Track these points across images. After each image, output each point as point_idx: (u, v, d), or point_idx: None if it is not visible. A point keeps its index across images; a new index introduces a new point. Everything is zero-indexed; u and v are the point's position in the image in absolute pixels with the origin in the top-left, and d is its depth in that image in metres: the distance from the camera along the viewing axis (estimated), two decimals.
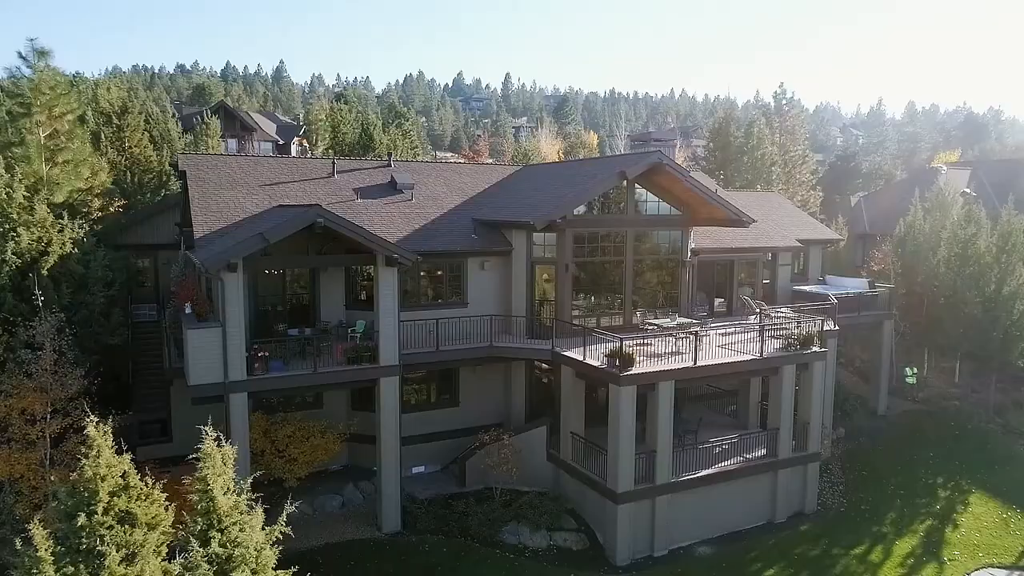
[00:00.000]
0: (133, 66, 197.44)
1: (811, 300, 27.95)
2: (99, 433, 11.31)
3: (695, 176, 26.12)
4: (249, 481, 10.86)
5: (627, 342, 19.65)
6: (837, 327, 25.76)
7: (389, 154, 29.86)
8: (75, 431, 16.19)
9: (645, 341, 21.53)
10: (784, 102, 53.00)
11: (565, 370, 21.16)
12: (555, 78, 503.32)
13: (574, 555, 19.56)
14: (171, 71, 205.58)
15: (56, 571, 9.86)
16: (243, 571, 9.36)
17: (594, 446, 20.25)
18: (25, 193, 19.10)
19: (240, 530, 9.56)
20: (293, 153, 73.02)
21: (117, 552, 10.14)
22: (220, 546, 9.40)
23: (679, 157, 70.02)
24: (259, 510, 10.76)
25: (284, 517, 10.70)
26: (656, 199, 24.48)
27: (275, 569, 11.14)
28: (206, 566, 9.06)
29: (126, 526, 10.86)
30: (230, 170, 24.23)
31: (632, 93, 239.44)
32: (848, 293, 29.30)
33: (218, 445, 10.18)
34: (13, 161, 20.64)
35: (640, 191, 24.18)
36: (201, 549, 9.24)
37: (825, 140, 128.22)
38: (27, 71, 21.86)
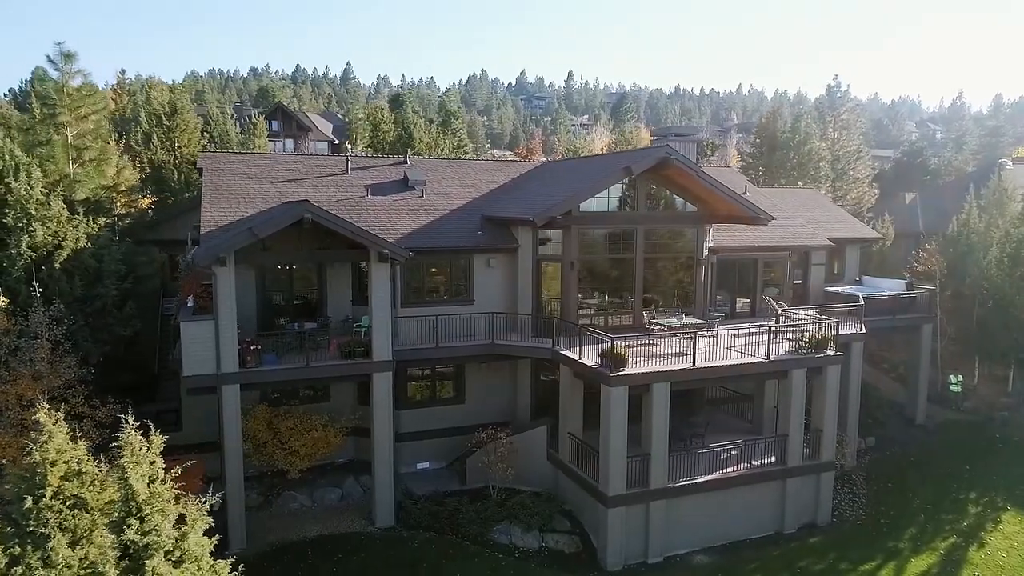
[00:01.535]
0: (209, 70, 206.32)
1: (842, 302, 26.68)
2: (50, 419, 11.72)
3: (708, 171, 25.26)
4: (176, 465, 10.93)
5: (625, 342, 19.24)
6: (863, 330, 24.43)
7: (405, 151, 30.03)
8: (74, 418, 16.88)
9: (650, 341, 20.99)
10: (839, 95, 50.74)
11: (564, 370, 20.81)
12: (619, 75, 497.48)
13: (565, 558, 19.19)
14: (244, 75, 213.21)
15: (3, 551, 10.25)
16: (159, 558, 9.46)
17: (590, 448, 19.83)
18: (43, 190, 19.99)
19: (163, 518, 9.66)
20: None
21: (64, 535, 10.47)
22: (138, 534, 9.53)
23: (731, 154, 68.06)
24: (194, 499, 10.90)
25: (207, 507, 10.72)
26: (670, 195, 23.81)
27: (215, 558, 11.23)
28: (112, 552, 9.20)
29: (76, 511, 11.21)
30: (246, 167, 24.81)
31: (698, 89, 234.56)
32: (883, 294, 27.82)
33: (145, 434, 10.35)
34: (39, 160, 21.67)
35: (653, 187, 23.55)
36: (112, 536, 9.38)
37: (899, 135, 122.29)
38: (54, 74, 22.93)
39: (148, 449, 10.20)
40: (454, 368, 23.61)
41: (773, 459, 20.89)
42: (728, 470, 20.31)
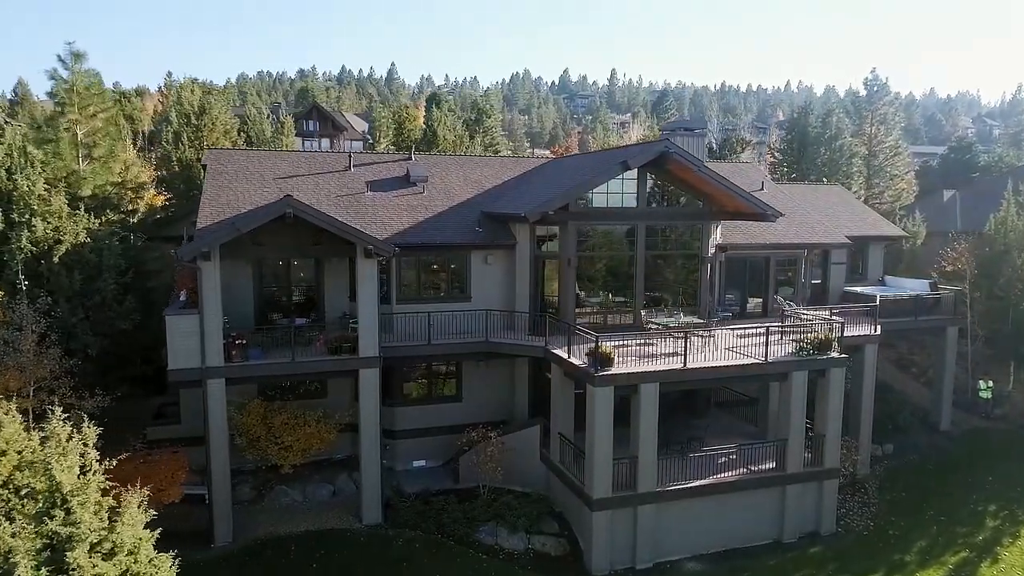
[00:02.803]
0: (258, 72, 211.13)
1: (861, 302, 25.59)
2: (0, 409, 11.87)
3: (723, 167, 24.51)
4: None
5: (613, 341, 18.77)
6: (878, 332, 23.33)
7: (409, 148, 29.93)
8: (61, 409, 17.17)
9: (647, 341, 20.44)
10: (876, 89, 48.84)
11: (555, 369, 20.38)
12: (664, 73, 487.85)
13: (550, 561, 18.76)
14: (292, 76, 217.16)
15: None
16: (80, 550, 9.43)
17: (578, 449, 19.36)
18: (45, 186, 20.46)
19: (85, 509, 9.63)
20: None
21: (11, 525, 10.55)
22: (63, 525, 9.51)
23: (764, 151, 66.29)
24: (134, 491, 10.86)
25: (143, 500, 10.67)
26: (673, 191, 23.16)
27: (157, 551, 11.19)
28: (28, 543, 9.20)
29: (28, 500, 11.31)
30: (249, 164, 25.03)
31: (745, 86, 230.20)
32: (905, 295, 26.60)
33: (78, 428, 10.37)
34: (47, 156, 22.20)
35: (658, 183, 22.93)
36: (30, 526, 9.38)
37: (953, 131, 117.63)
38: (64, 73, 23.48)
39: (81, 441, 10.19)
40: (452, 366, 23.41)
41: (773, 465, 20.08)
42: (723, 475, 19.60)
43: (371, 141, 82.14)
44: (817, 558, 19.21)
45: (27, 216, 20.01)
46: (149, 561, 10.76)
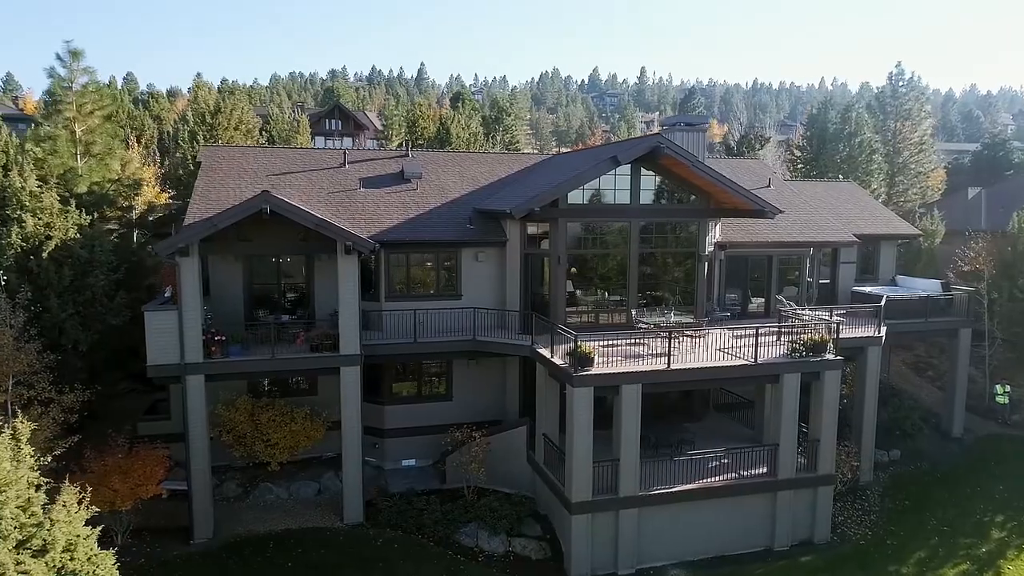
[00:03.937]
0: (289, 73, 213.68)
1: (868, 303, 24.70)
2: None
3: (726, 163, 23.83)
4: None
5: (595, 341, 18.33)
6: (881, 333, 22.43)
7: (406, 144, 29.72)
8: (40, 403, 17.29)
9: (637, 341, 19.95)
10: (901, 84, 47.40)
11: (540, 369, 19.98)
12: (695, 71, 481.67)
13: (530, 564, 18.33)
14: (324, 77, 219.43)
15: None
16: (6, 546, 9.31)
17: (560, 451, 18.92)
18: (37, 183, 20.67)
19: (7, 505, 9.51)
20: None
21: None
22: None
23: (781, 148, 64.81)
24: (69, 487, 10.75)
25: (68, 497, 10.52)
26: (670, 188, 22.55)
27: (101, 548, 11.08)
28: None
29: None
30: (245, 161, 25.06)
31: (777, 83, 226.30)
32: (916, 295, 25.62)
33: (6, 422, 10.26)
34: (44, 153, 22.45)
35: (655, 179, 22.35)
36: None
37: (991, 128, 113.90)
38: (62, 71, 23.75)
39: (12, 435, 10.09)
40: (442, 364, 23.13)
41: (765, 469, 19.40)
42: (711, 480, 18.98)
43: (383, 139, 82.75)
44: (808, 567, 18.49)
45: (18, 212, 20.22)
46: (88, 559, 10.63)
